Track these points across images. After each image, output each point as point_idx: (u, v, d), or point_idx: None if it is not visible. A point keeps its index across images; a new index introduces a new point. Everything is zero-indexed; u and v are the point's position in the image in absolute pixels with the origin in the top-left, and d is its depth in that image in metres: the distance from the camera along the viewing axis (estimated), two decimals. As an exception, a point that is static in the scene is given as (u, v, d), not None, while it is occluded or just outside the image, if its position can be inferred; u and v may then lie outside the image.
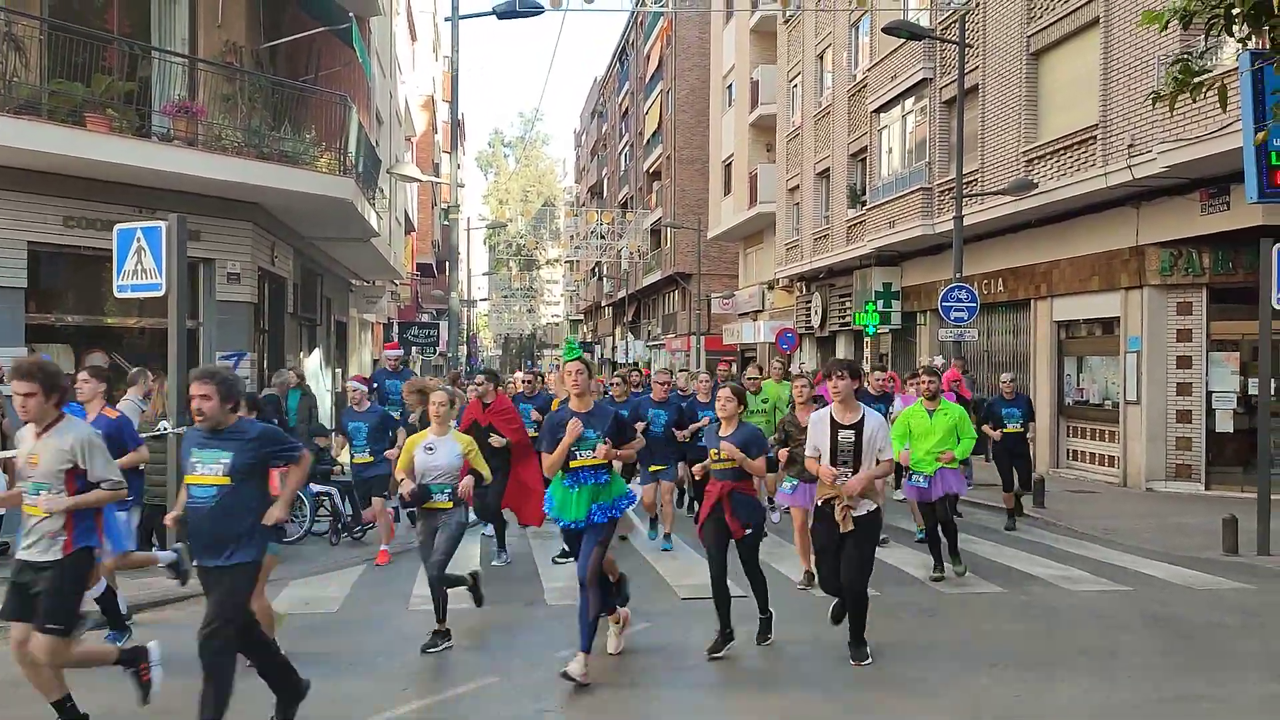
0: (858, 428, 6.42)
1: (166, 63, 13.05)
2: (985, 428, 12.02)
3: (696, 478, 8.30)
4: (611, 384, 11.41)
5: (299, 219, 16.26)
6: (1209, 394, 14.98)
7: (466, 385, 12.57)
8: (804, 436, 7.43)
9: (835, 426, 6.46)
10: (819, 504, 6.60)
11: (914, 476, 9.08)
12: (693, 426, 10.58)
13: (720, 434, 6.67)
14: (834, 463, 6.47)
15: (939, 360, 17.50)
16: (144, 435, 7.91)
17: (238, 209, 13.85)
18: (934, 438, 8.90)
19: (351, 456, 10.60)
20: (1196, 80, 5.93)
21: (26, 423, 5.09)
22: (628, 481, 7.67)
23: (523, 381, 12.97)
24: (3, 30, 11.04)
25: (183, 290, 9.08)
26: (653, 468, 10.57)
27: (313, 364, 20.14)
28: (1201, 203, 14.17)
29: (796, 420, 8.44)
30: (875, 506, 6.48)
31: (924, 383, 9.26)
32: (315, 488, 10.71)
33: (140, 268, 9.10)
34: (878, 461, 6.49)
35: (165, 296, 9.08)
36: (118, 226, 9.38)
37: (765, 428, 10.10)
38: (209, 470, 4.94)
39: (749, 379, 12.27)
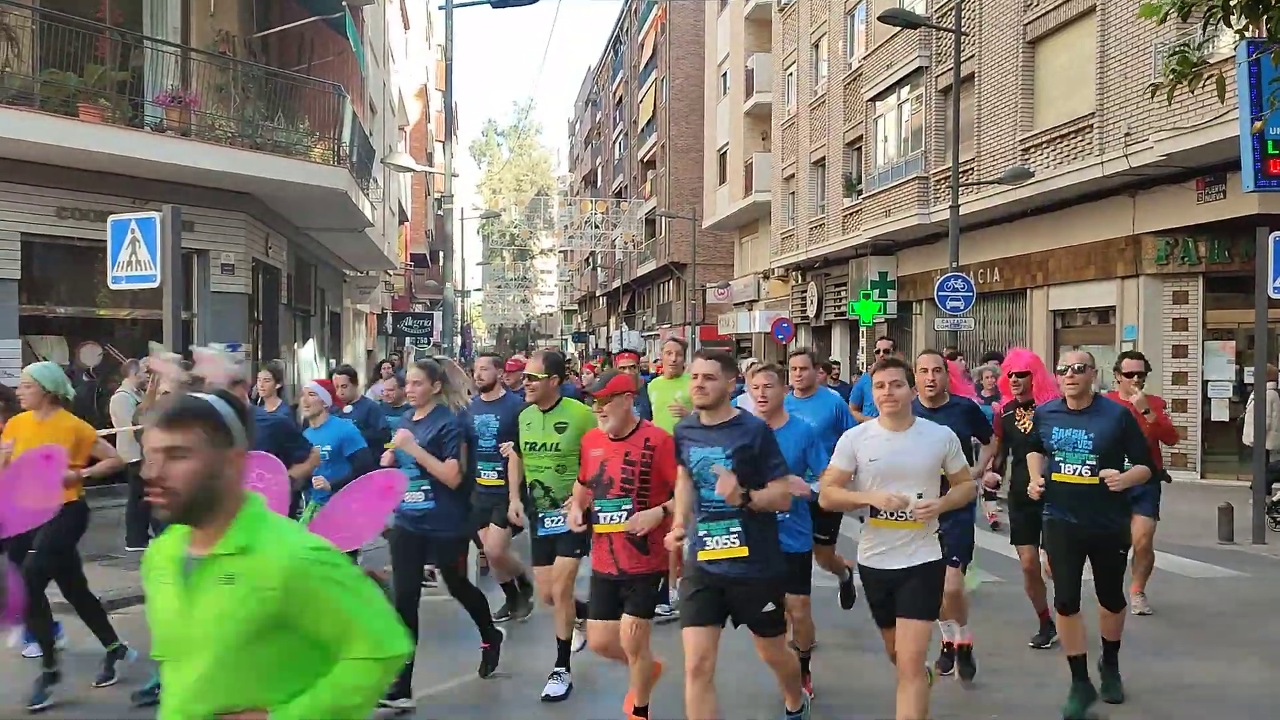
0: None
1: (159, 52, 12.98)
2: (1032, 463, 5.85)
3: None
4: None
5: (293, 209, 16.21)
6: (1205, 383, 15.01)
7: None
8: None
9: None
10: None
11: None
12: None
13: None
14: None
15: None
16: (138, 426, 7.88)
17: (231, 200, 13.80)
18: None
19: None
20: (1194, 70, 5.92)
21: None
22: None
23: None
24: (-6, 20, 10.99)
25: (177, 282, 9.04)
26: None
27: (307, 355, 20.12)
28: (1198, 191, 14.18)
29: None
30: None
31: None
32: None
33: (135, 259, 9.06)
34: None
35: (159, 288, 9.05)
36: (112, 218, 9.33)
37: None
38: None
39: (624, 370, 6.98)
